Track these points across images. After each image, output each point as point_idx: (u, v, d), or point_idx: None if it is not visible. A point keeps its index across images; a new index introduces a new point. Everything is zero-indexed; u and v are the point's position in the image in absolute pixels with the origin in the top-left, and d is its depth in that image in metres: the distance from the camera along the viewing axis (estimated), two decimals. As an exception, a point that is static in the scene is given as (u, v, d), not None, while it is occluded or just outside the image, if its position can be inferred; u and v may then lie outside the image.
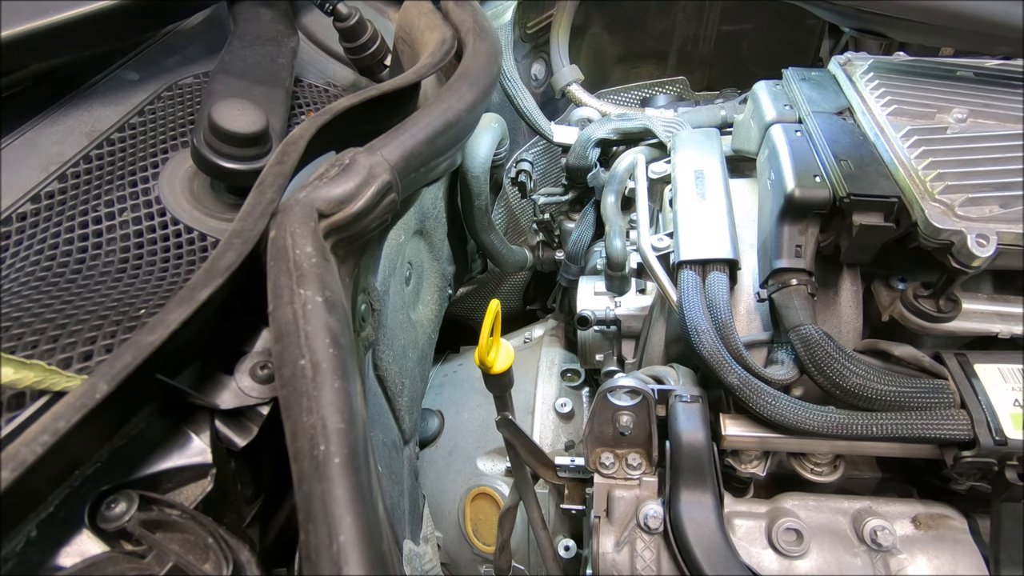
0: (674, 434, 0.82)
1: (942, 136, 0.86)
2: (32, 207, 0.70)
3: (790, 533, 0.80)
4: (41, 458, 0.42)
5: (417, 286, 1.26)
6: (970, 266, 0.74)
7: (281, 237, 0.54)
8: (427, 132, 0.69)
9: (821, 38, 1.69)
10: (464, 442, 1.39)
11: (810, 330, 0.79)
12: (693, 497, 0.78)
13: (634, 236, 1.10)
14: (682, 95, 1.79)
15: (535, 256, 1.61)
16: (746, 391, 0.79)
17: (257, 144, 0.71)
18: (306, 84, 0.97)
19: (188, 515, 0.50)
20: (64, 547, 0.46)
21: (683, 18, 1.74)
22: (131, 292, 0.63)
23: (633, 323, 1.16)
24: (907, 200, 0.79)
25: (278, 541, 0.61)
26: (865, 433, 0.76)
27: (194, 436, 0.54)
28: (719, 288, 0.88)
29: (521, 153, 1.60)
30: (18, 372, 0.48)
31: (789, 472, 0.86)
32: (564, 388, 1.37)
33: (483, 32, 0.88)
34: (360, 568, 0.40)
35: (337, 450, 0.44)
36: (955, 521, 0.82)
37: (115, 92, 0.85)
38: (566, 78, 1.55)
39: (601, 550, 0.81)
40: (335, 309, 0.51)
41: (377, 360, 0.99)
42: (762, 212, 0.96)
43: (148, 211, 0.72)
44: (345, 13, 0.95)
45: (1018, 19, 0.87)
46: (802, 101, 1.00)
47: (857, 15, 0.94)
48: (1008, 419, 0.74)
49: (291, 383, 0.46)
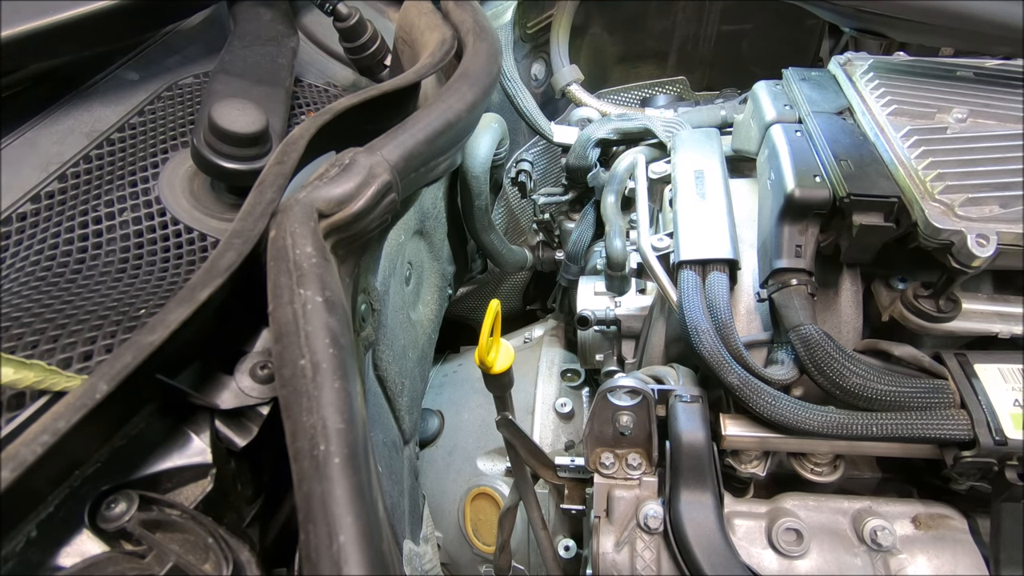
0: (674, 434, 0.82)
1: (942, 136, 0.86)
2: (32, 207, 0.70)
3: (790, 533, 0.80)
4: (41, 458, 0.42)
5: (417, 286, 1.26)
6: (970, 266, 0.74)
7: (281, 237, 0.54)
8: (427, 132, 0.69)
9: (821, 38, 1.69)
10: (464, 442, 1.39)
11: (810, 330, 0.79)
12: (693, 497, 0.78)
13: (634, 236, 1.10)
14: (682, 95, 1.79)
15: (535, 256, 1.61)
16: (746, 391, 0.79)
17: (257, 144, 0.71)
18: (306, 84, 0.97)
19: (188, 515, 0.50)
20: (64, 547, 0.46)
21: (683, 18, 1.75)
22: (131, 292, 0.63)
23: (633, 323, 1.16)
24: (907, 200, 0.79)
25: (278, 541, 0.61)
26: (865, 433, 0.76)
27: (194, 436, 0.54)
28: (719, 288, 0.88)
29: (521, 153, 1.60)
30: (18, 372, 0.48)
31: (789, 472, 0.86)
32: (564, 388, 1.37)
33: (483, 32, 0.88)
34: (360, 568, 0.40)
35: (337, 450, 0.44)
36: (955, 521, 0.82)
37: (115, 92, 0.85)
38: (566, 78, 1.55)
39: (601, 550, 0.81)
40: (335, 309, 0.51)
41: (377, 360, 0.99)
42: (762, 212, 0.96)
43: (148, 211, 0.72)
44: (345, 13, 0.95)
45: (1018, 19, 0.87)
46: (802, 101, 1.00)
47: (857, 15, 0.94)
48: (1008, 419, 0.74)
49: (291, 383, 0.47)
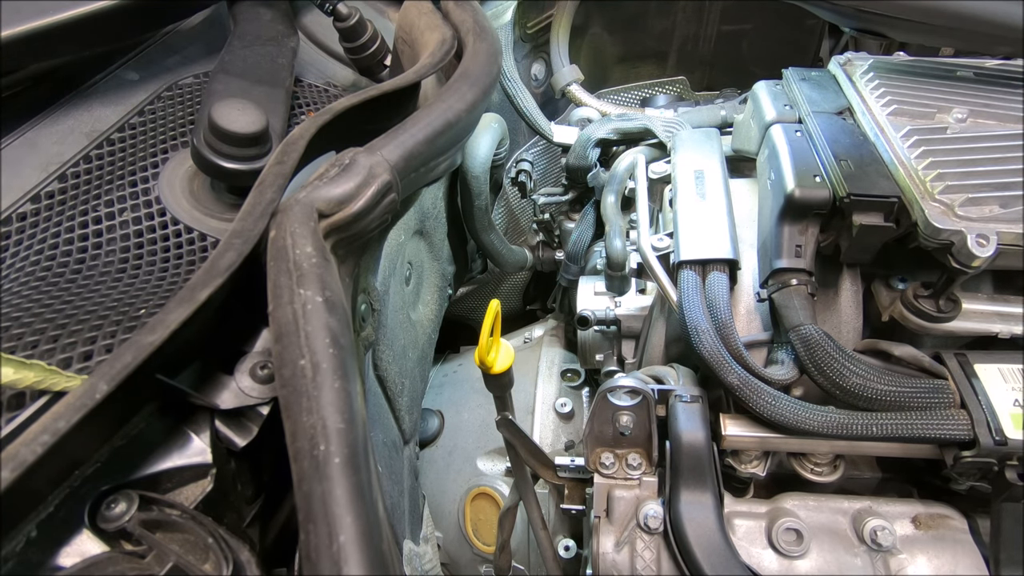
0: (674, 434, 0.82)
1: (942, 136, 0.86)
2: (32, 207, 0.69)
3: (790, 533, 0.80)
4: (41, 458, 0.42)
5: (417, 286, 1.26)
6: (970, 266, 0.74)
7: (281, 237, 0.54)
8: (427, 132, 0.69)
9: (821, 38, 1.69)
10: (464, 442, 1.39)
11: (810, 330, 0.79)
12: (693, 497, 0.78)
13: (634, 236, 1.10)
14: (682, 95, 1.79)
15: (535, 256, 1.61)
16: (746, 391, 0.79)
17: (257, 144, 0.71)
18: (306, 84, 0.97)
19: (188, 515, 0.50)
20: (64, 547, 0.46)
21: (683, 18, 1.75)
22: (131, 292, 0.63)
23: (633, 323, 1.16)
24: (907, 200, 0.79)
25: (278, 541, 0.61)
26: (865, 433, 0.76)
27: (194, 436, 0.54)
28: (719, 288, 0.88)
29: (521, 153, 1.60)
30: (18, 372, 0.48)
31: (789, 472, 0.86)
32: (564, 388, 1.37)
33: (483, 32, 0.88)
34: (360, 568, 0.40)
35: (337, 450, 0.44)
36: (955, 521, 0.82)
37: (115, 92, 0.85)
38: (566, 78, 1.55)
39: (601, 550, 0.81)
40: (335, 309, 0.51)
41: (377, 360, 0.99)
42: (762, 212, 0.96)
43: (148, 211, 0.72)
44: (345, 13, 0.95)
45: (1018, 19, 0.86)
46: (802, 101, 1.00)
47: (857, 15, 0.94)
48: (1008, 419, 0.74)
49: (291, 383, 0.47)
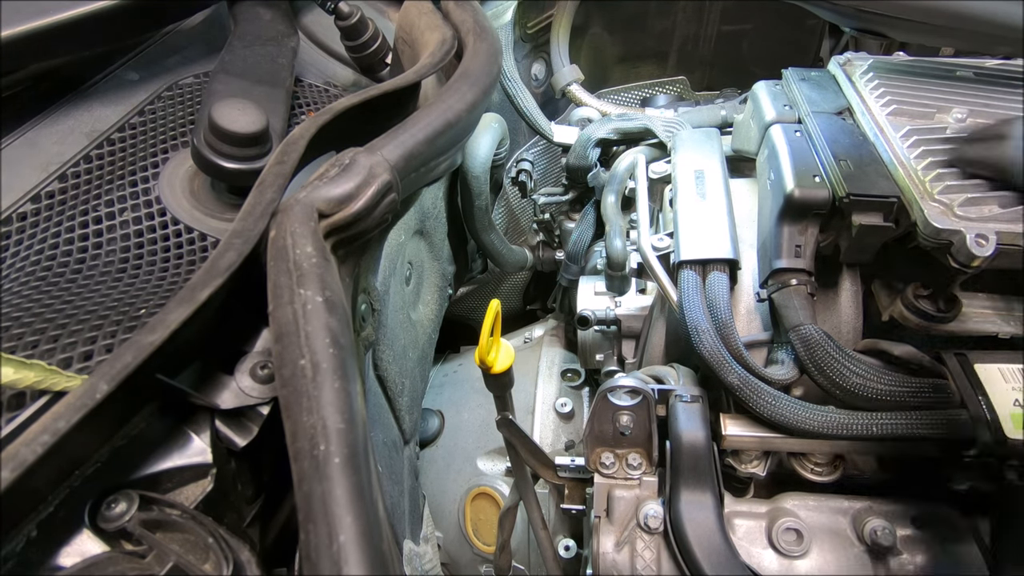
0: (674, 434, 0.82)
1: (942, 136, 0.86)
2: (32, 207, 0.69)
3: (790, 533, 0.80)
4: (41, 458, 0.42)
5: (417, 286, 1.26)
6: (969, 266, 0.74)
7: (281, 237, 0.54)
8: (427, 132, 0.69)
9: (821, 38, 1.69)
10: (464, 442, 1.39)
11: (810, 330, 0.79)
12: (693, 497, 0.78)
13: (634, 236, 1.10)
14: (682, 95, 1.79)
15: (535, 256, 1.61)
16: (746, 391, 0.79)
17: (257, 144, 0.71)
18: (306, 84, 0.97)
19: (188, 515, 0.50)
20: (64, 547, 0.46)
21: (683, 18, 1.75)
22: (131, 292, 0.63)
23: (633, 323, 1.16)
24: (906, 200, 0.79)
25: (278, 541, 0.61)
26: (865, 433, 0.76)
27: (194, 436, 0.54)
28: (719, 288, 0.88)
29: (521, 153, 1.60)
30: (18, 372, 0.48)
31: (789, 472, 0.86)
32: (564, 388, 1.37)
33: (483, 32, 0.88)
34: (360, 568, 0.40)
35: (337, 450, 0.44)
36: (955, 521, 0.82)
37: (115, 92, 0.85)
38: (566, 78, 1.55)
39: (601, 550, 0.81)
40: (335, 309, 0.51)
41: (377, 360, 0.99)
42: (762, 212, 0.96)
43: (148, 211, 0.72)
44: (347, 11, 0.95)
45: (1018, 19, 0.86)
46: (802, 101, 1.00)
47: (857, 15, 0.94)
48: (1008, 419, 0.74)
49: (291, 383, 0.47)
